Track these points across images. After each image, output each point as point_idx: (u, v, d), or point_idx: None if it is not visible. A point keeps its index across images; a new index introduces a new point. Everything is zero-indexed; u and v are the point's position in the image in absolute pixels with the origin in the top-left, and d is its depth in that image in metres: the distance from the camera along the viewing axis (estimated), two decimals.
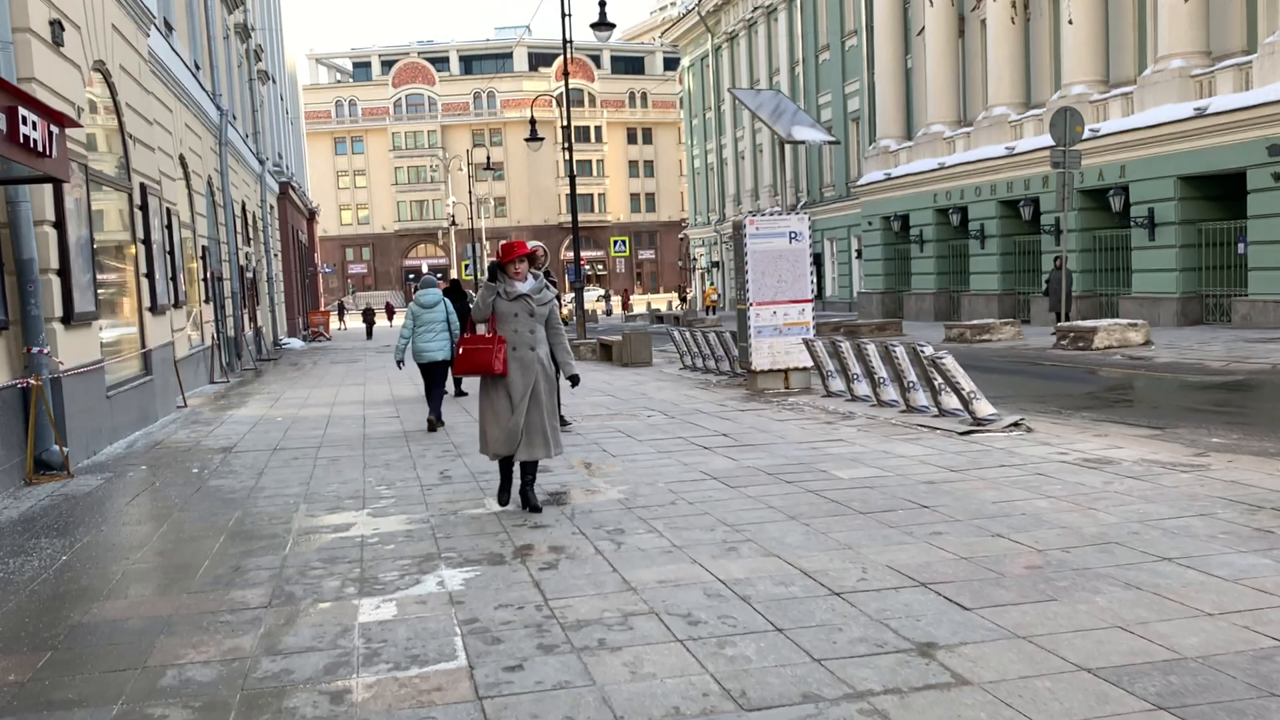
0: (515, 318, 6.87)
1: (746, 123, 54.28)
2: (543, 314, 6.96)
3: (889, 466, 8.05)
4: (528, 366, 6.87)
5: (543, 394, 6.88)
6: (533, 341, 6.92)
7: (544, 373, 6.92)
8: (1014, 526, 5.94)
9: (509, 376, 6.83)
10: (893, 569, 5.19)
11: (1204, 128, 22.95)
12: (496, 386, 6.91)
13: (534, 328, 6.93)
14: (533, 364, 6.88)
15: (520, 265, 6.90)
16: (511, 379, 6.84)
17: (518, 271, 6.90)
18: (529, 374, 6.86)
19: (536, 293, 6.94)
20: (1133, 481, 7.02)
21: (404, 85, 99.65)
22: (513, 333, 6.88)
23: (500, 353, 6.81)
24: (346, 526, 6.86)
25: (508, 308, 6.87)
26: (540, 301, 6.95)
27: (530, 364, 6.87)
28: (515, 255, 6.89)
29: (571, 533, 6.34)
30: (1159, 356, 17.53)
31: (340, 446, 10.74)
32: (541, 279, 7.13)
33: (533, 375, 6.85)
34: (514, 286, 6.87)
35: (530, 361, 6.88)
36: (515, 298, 6.87)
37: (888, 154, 37.84)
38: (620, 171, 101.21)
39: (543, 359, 6.93)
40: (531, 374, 6.86)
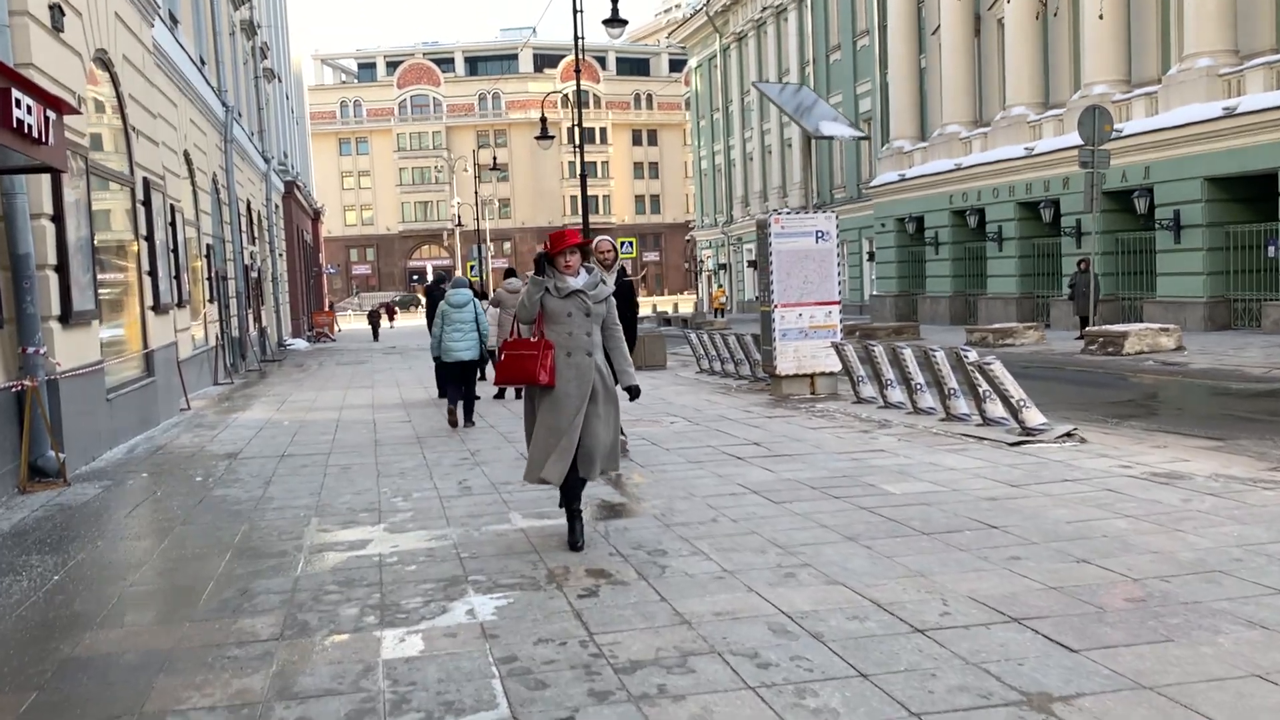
0: (568, 318, 5.92)
1: (755, 124, 53.77)
2: (599, 313, 6.01)
3: (942, 480, 7.51)
4: (583, 375, 5.90)
5: (601, 407, 5.95)
6: (588, 345, 5.96)
7: (603, 382, 5.99)
8: (1098, 551, 5.40)
9: (559, 388, 5.87)
10: (976, 600, 4.65)
11: (1234, 128, 22.39)
12: (544, 400, 5.93)
13: (590, 329, 5.98)
14: (588, 371, 5.91)
15: (571, 257, 5.96)
16: (563, 390, 5.87)
17: (568, 264, 5.96)
18: (584, 383, 5.90)
19: (592, 288, 6.01)
20: (1214, 500, 6.48)
21: (409, 86, 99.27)
22: (565, 335, 5.92)
23: (547, 360, 5.84)
24: (362, 543, 6.32)
25: (559, 306, 5.92)
26: (596, 298, 6.00)
27: (586, 371, 5.91)
28: (565, 245, 5.97)
29: (609, 554, 5.81)
30: (1193, 362, 16.97)
31: (351, 453, 10.21)
32: (597, 273, 6.22)
33: (588, 385, 5.90)
34: (565, 282, 5.93)
35: (586, 369, 5.91)
36: (568, 294, 5.91)
37: (901, 155, 37.29)
38: (625, 173, 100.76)
39: (600, 366, 5.99)
40: (587, 383, 5.90)
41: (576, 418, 5.87)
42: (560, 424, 5.88)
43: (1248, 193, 23.03)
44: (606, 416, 6.01)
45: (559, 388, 5.88)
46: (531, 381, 5.88)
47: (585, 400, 5.90)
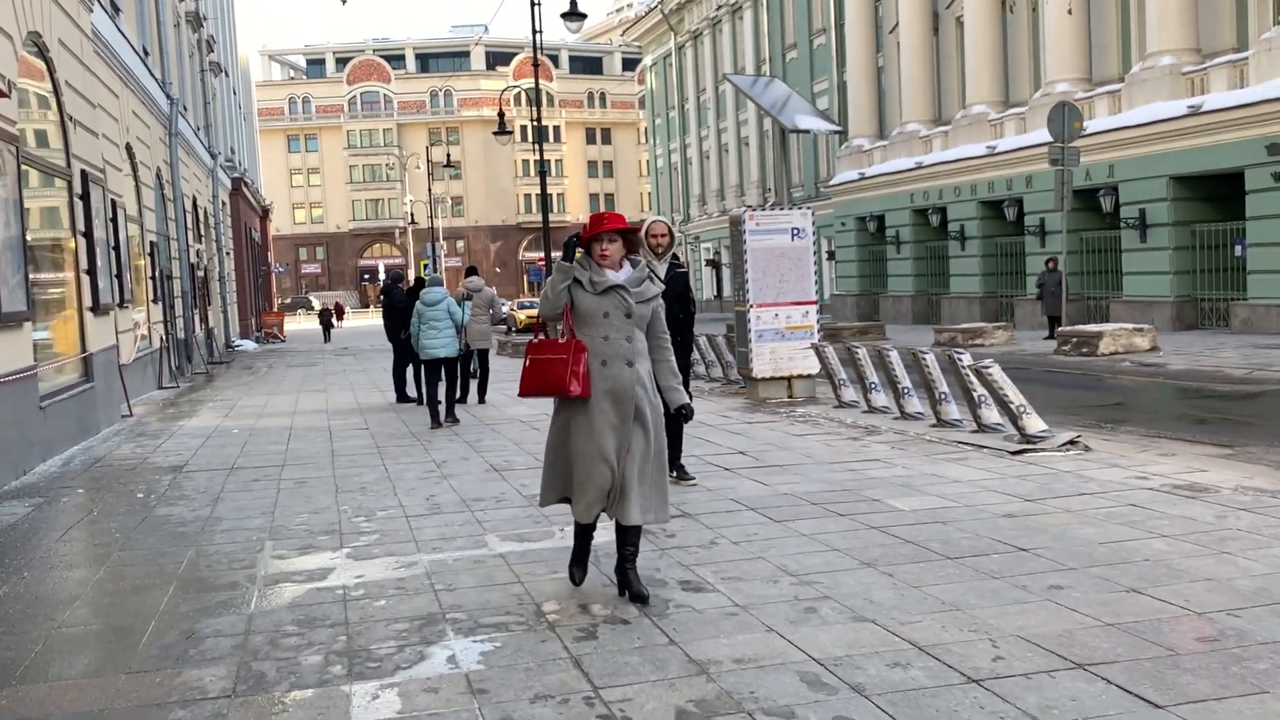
0: (605, 319, 4.82)
1: (712, 122, 53.36)
2: (643, 315, 4.89)
3: (950, 494, 7.00)
4: (622, 390, 4.80)
5: (650, 429, 4.86)
6: (630, 354, 4.83)
7: (649, 398, 4.87)
8: (1145, 578, 4.89)
9: (594, 402, 4.78)
10: (1028, 641, 4.12)
11: (1198, 126, 22.25)
12: (576, 415, 4.85)
13: (630, 334, 4.85)
14: (630, 386, 4.80)
15: (609, 245, 4.84)
16: (598, 407, 4.78)
17: (604, 253, 4.85)
18: (623, 401, 4.80)
19: (636, 284, 4.89)
20: (1250, 516, 6.01)
21: (359, 83, 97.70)
22: (600, 341, 4.82)
23: (580, 364, 4.75)
24: (323, 573, 5.67)
25: (593, 304, 4.82)
26: (641, 297, 4.87)
27: (627, 386, 4.80)
28: (604, 229, 4.85)
29: (603, 584, 5.21)
30: (1171, 363, 16.69)
31: (306, 465, 9.52)
32: (644, 266, 5.04)
33: (629, 403, 4.80)
34: (603, 275, 4.85)
35: (627, 383, 4.81)
36: (605, 290, 4.82)
37: (861, 153, 37.01)
38: (579, 172, 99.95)
39: (644, 379, 4.88)
40: (628, 401, 4.80)
41: (612, 439, 4.78)
42: (594, 448, 4.78)
43: (1213, 192, 22.92)
44: (658, 443, 4.92)
45: (594, 402, 4.80)
46: (560, 392, 4.79)
47: (626, 420, 4.81)
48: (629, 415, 4.82)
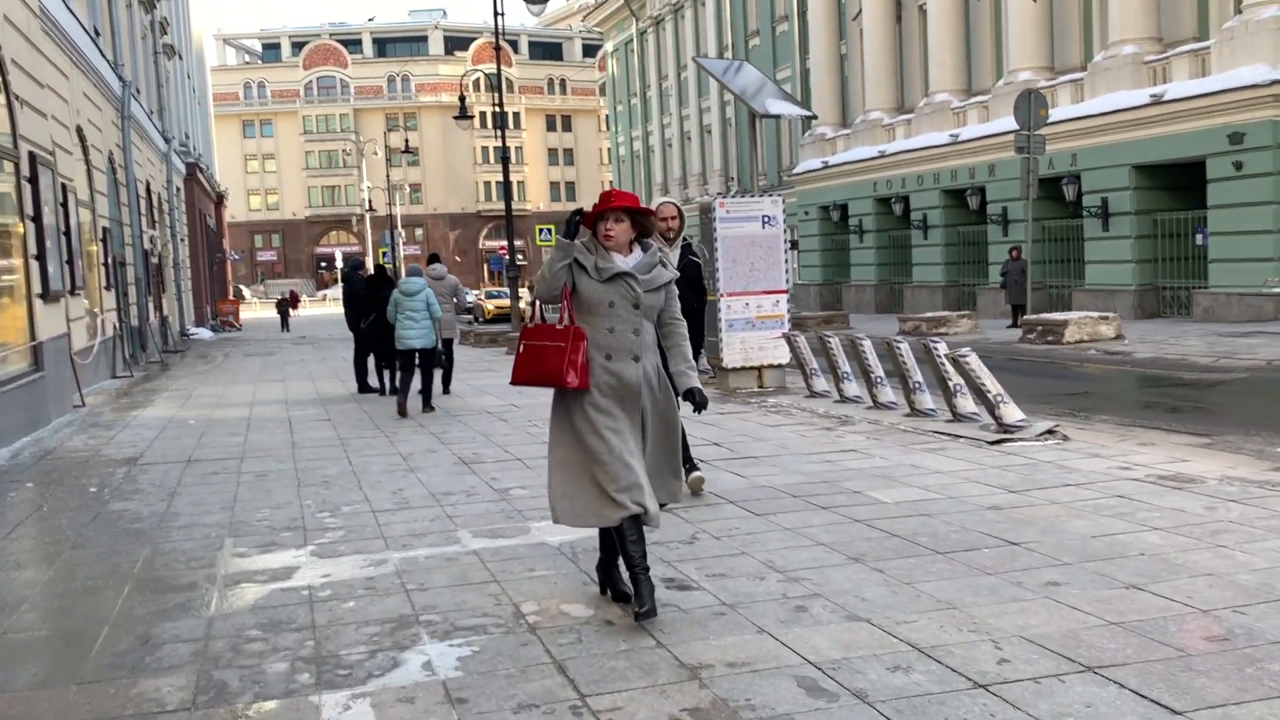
0: (610, 310, 4.37)
1: (674, 109, 53.10)
2: (653, 305, 4.47)
3: (932, 486, 6.85)
4: (628, 388, 4.38)
5: (658, 428, 4.52)
6: (636, 347, 4.40)
7: (655, 397, 4.49)
8: (1143, 573, 4.75)
9: (595, 399, 4.35)
10: (1031, 642, 3.95)
11: (1161, 115, 22.32)
12: (578, 413, 4.40)
13: (638, 326, 4.41)
14: (637, 384, 4.39)
15: (615, 225, 4.39)
16: (598, 404, 4.36)
17: (609, 234, 4.40)
18: (629, 400, 4.40)
19: (646, 270, 4.45)
20: (1240, 507, 5.90)
21: (315, 67, 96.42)
22: (605, 333, 4.38)
23: (578, 354, 4.32)
24: (287, 572, 5.40)
25: (597, 293, 4.37)
26: (650, 284, 4.44)
27: (633, 384, 4.38)
28: (611, 206, 4.41)
29: (583, 583, 4.99)
30: (1136, 351, 16.72)
31: (267, 458, 9.21)
32: (655, 251, 4.55)
33: (636, 401, 4.41)
34: (610, 260, 4.40)
35: (633, 380, 4.38)
36: (611, 277, 4.37)
37: (824, 141, 36.93)
38: (539, 159, 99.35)
39: (651, 375, 4.46)
40: (635, 399, 4.40)
41: (625, 441, 4.35)
42: (602, 447, 4.33)
43: (1175, 180, 23.02)
44: (669, 442, 4.57)
45: (597, 402, 4.36)
46: (555, 382, 4.36)
47: (635, 423, 4.41)
48: (636, 415, 4.42)
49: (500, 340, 24.29)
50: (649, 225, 4.56)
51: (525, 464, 8.32)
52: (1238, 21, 21.03)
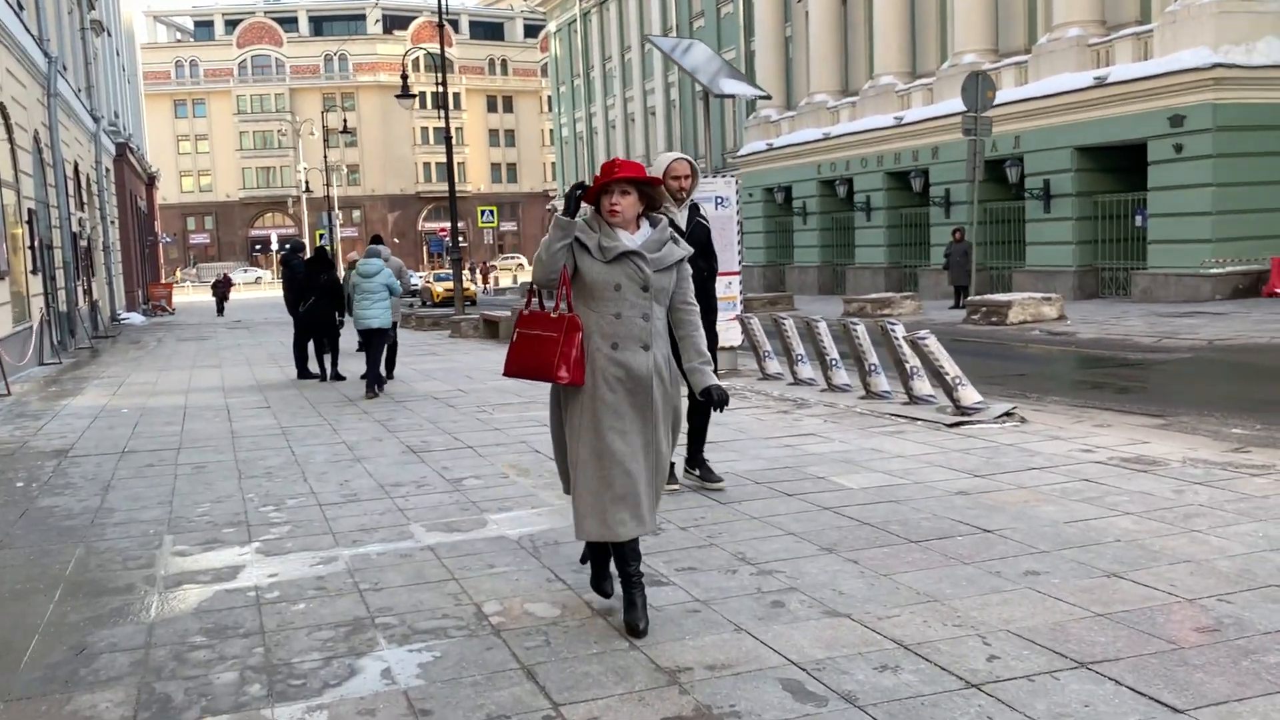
0: (616, 293, 3.94)
1: (618, 90, 52.74)
2: (663, 287, 4.01)
3: (896, 470, 6.72)
4: (638, 381, 3.95)
5: (659, 428, 4.04)
6: (645, 334, 3.96)
7: (664, 388, 4.03)
8: (1121, 561, 4.65)
9: (598, 393, 3.95)
10: (1018, 636, 3.81)
11: (1104, 98, 22.52)
12: (579, 409, 4.00)
13: (648, 311, 3.97)
14: (647, 375, 3.96)
15: (621, 198, 3.95)
16: (603, 399, 3.94)
17: (614, 209, 3.95)
18: (640, 393, 3.96)
19: (655, 249, 4.00)
20: (1207, 490, 5.84)
21: (249, 46, 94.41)
22: (611, 319, 3.94)
23: (571, 346, 3.91)
24: (233, 572, 5.12)
25: (602, 274, 3.94)
26: (661, 264, 3.99)
27: (642, 375, 3.95)
28: (616, 177, 3.95)
29: (547, 579, 4.77)
30: (1079, 332, 16.84)
31: (205, 448, 8.84)
32: (664, 227, 4.07)
33: (646, 393, 3.97)
34: (615, 238, 3.97)
35: (642, 370, 3.95)
36: (617, 257, 3.94)
37: (768, 124, 36.87)
38: (480, 141, 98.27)
39: (662, 365, 4.02)
40: (645, 392, 3.96)
41: (640, 438, 3.97)
42: (603, 449, 3.94)
43: (1116, 163, 23.25)
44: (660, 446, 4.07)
45: (603, 397, 3.95)
46: (546, 376, 3.97)
47: (647, 420, 3.98)
48: (648, 409, 3.98)
49: (443, 323, 23.90)
50: (657, 197, 4.12)
51: (477, 452, 8.06)
52: (1180, 5, 21.23)
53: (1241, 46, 20.43)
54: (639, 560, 4.13)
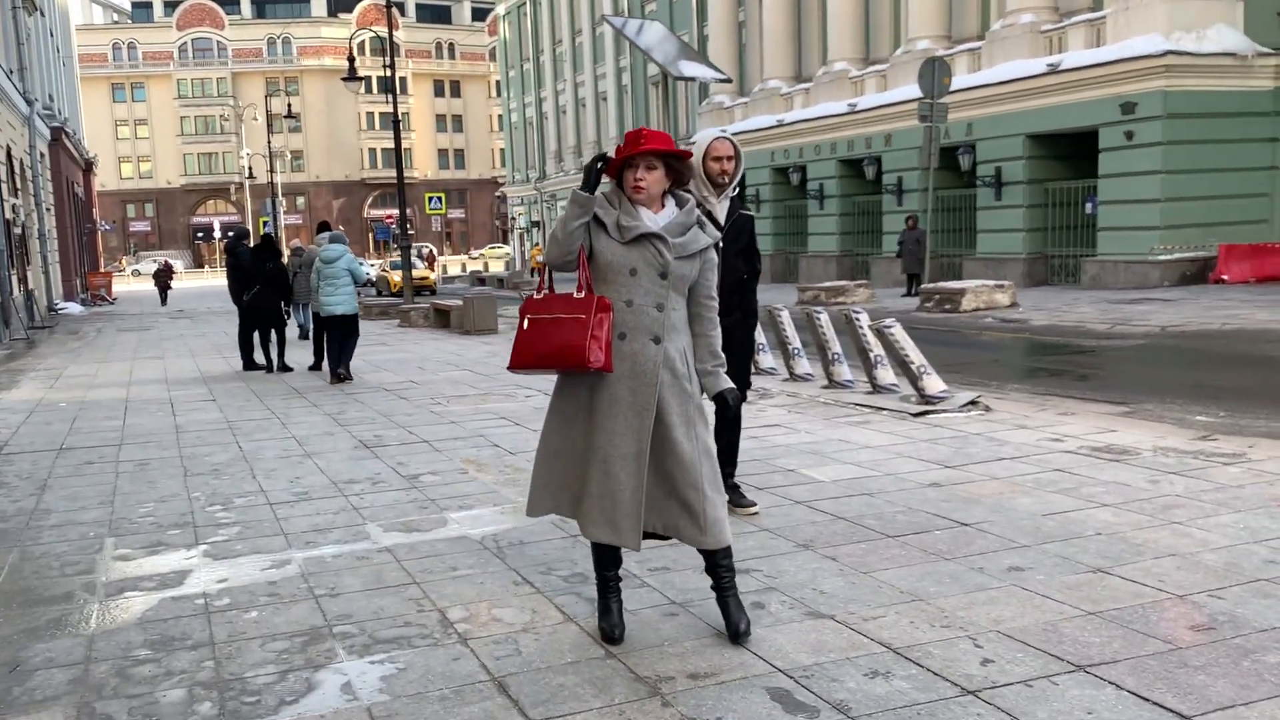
0: (631, 278, 3.59)
1: (569, 75, 52.31)
2: (684, 276, 3.64)
3: (865, 462, 6.58)
4: (642, 374, 3.59)
5: (675, 426, 3.61)
6: (658, 326, 3.60)
7: (680, 386, 3.64)
8: (1105, 555, 4.53)
9: (608, 387, 3.60)
10: (1011, 637, 3.67)
11: (1055, 85, 22.61)
12: (579, 398, 3.68)
13: (663, 300, 3.60)
14: (652, 370, 3.59)
15: (647, 173, 3.57)
16: (611, 395, 3.60)
17: (639, 185, 3.58)
18: (644, 389, 3.59)
19: (679, 232, 3.62)
20: (1183, 480, 5.76)
21: (190, 28, 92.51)
22: (622, 305, 3.59)
23: (602, 328, 3.53)
24: (179, 577, 4.84)
25: (618, 256, 3.59)
26: (684, 250, 3.61)
27: (648, 369, 3.59)
28: (642, 149, 3.55)
29: (514, 582, 4.56)
30: (1032, 319, 16.89)
31: (149, 444, 8.50)
32: (691, 208, 3.68)
33: (652, 391, 3.59)
34: (635, 216, 3.60)
35: (648, 365, 3.59)
36: (636, 238, 3.58)
37: (721, 110, 36.72)
38: (427, 126, 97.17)
39: (676, 361, 3.63)
40: (650, 388, 3.59)
41: (635, 443, 3.59)
42: (605, 447, 3.61)
43: (1067, 150, 23.38)
44: (696, 444, 3.63)
45: (600, 389, 3.61)
46: (575, 363, 3.52)
47: (648, 417, 3.59)
48: (651, 406, 3.58)
49: (391, 312, 23.49)
50: (685, 173, 3.69)
51: (433, 446, 7.81)
52: None
53: (1192, 34, 20.58)
54: (618, 566, 3.90)
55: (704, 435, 3.68)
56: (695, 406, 3.67)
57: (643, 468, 3.59)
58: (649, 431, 3.59)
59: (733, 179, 4.97)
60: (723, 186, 4.97)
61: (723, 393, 3.74)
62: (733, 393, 3.77)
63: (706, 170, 4.91)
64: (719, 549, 3.70)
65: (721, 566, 3.76)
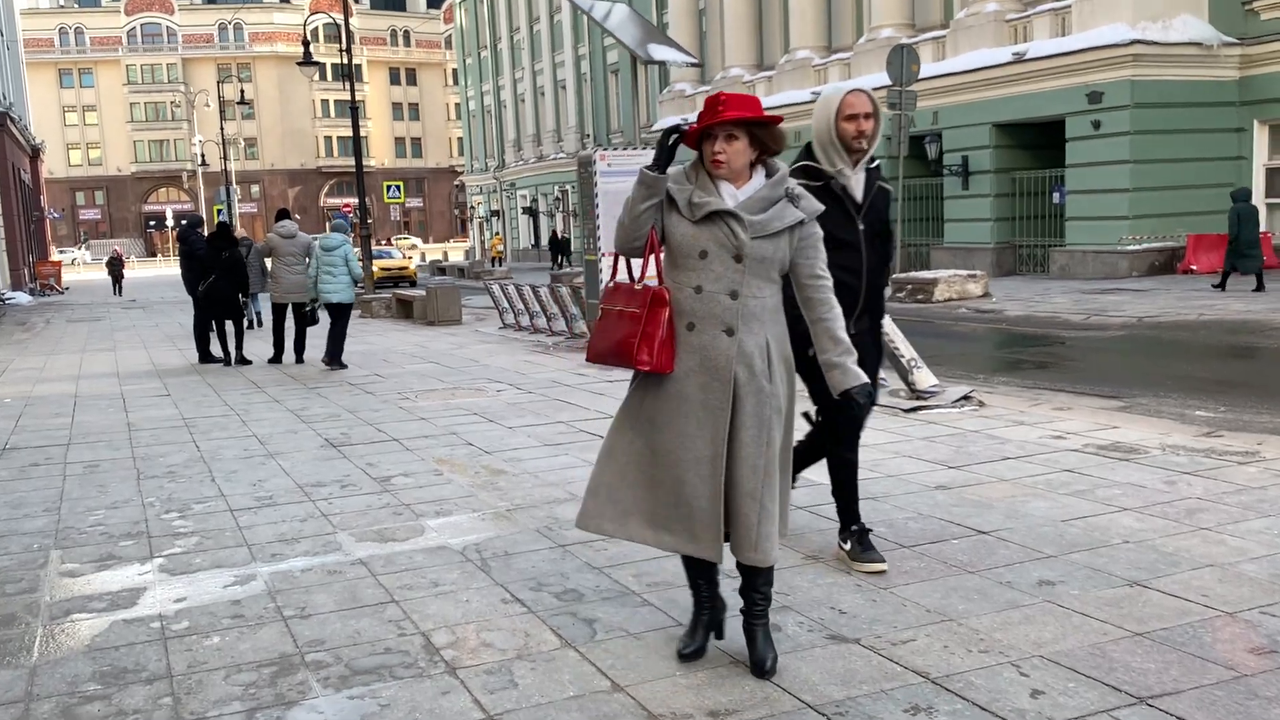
0: (701, 261, 3.18)
1: (527, 63, 51.70)
2: (768, 258, 3.19)
3: (864, 462, 6.06)
4: (715, 371, 3.18)
5: (745, 427, 3.18)
6: (731, 316, 3.16)
7: (755, 385, 3.19)
8: (1138, 566, 4.23)
9: (677, 384, 3.21)
10: (1056, 663, 3.35)
11: (1021, 74, 22.47)
12: (656, 401, 3.27)
13: (738, 286, 3.15)
14: (726, 366, 3.17)
15: (727, 145, 3.16)
16: (680, 392, 3.22)
17: (718, 159, 3.18)
18: (716, 387, 3.18)
19: (759, 208, 3.18)
20: (1200, 481, 5.49)
21: (139, 13, 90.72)
22: (690, 293, 3.19)
23: (655, 324, 3.16)
24: (131, 596, 4.41)
25: (688, 237, 3.21)
26: (764, 228, 3.17)
27: (720, 366, 3.18)
28: (722, 118, 3.14)
29: (502, 599, 4.18)
30: (1007, 309, 16.72)
31: (98, 443, 8.00)
32: (780, 179, 3.23)
33: (726, 390, 3.17)
34: (712, 191, 3.20)
35: (720, 358, 3.17)
36: (706, 216, 3.18)
37: (683, 98, 36.37)
38: (383, 114, 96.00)
39: (755, 357, 3.18)
40: (724, 387, 3.18)
41: (706, 444, 3.19)
42: (676, 451, 3.22)
43: (1034, 139, 23.28)
44: (764, 453, 3.21)
45: (670, 388, 3.22)
46: (624, 361, 3.22)
47: (722, 418, 3.17)
48: (726, 408, 3.15)
49: None
50: (775, 140, 3.22)
51: (403, 445, 7.40)
52: None
53: (1158, 23, 20.50)
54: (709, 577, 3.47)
55: (779, 440, 3.27)
56: (774, 409, 3.24)
57: (719, 472, 3.19)
58: (724, 434, 3.17)
59: (871, 142, 4.03)
60: (859, 153, 4.02)
61: (849, 390, 3.28)
62: (863, 390, 3.29)
63: (839, 133, 3.98)
64: (761, 570, 3.34)
65: (758, 592, 3.40)
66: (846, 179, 4.01)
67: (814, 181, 3.95)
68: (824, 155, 4.00)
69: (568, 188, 47.55)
